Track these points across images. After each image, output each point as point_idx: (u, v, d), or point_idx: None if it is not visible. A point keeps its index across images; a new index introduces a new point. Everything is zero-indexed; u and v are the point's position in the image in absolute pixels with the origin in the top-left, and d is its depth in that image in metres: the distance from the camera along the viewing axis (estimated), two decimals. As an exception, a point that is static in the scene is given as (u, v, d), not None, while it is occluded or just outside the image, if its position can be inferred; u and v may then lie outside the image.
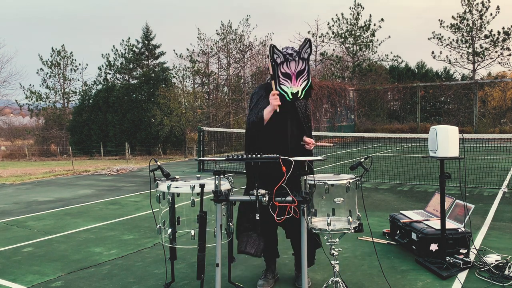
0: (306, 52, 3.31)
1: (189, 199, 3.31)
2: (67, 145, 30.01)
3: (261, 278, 3.68)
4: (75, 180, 11.33)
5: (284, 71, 3.33)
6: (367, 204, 7.00)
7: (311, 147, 3.50)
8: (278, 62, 3.31)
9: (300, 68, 3.34)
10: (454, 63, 31.42)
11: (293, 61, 3.31)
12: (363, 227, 3.15)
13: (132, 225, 6.05)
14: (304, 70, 3.35)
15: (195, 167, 13.70)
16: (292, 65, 3.32)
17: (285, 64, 3.31)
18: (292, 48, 3.37)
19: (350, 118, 30.39)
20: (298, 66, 3.33)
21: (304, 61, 3.33)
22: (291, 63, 3.31)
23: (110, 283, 3.85)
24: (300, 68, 3.33)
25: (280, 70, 3.32)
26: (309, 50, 3.31)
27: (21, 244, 5.22)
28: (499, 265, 3.89)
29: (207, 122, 27.62)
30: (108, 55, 33.46)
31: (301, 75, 3.35)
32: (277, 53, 3.29)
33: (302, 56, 3.32)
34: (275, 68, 3.34)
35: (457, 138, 3.87)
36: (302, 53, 3.31)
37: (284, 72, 3.33)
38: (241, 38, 29.27)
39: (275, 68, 3.33)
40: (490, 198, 7.36)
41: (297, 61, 3.32)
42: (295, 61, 3.32)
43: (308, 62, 3.35)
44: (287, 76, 3.34)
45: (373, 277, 3.83)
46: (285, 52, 3.32)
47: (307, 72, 3.36)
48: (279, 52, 3.30)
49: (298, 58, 3.31)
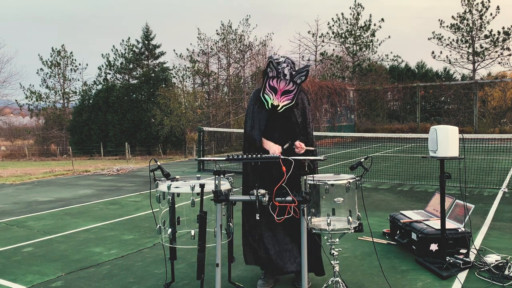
0: (300, 79, 3.36)
1: (189, 199, 3.31)
2: (67, 145, 30.01)
3: (261, 278, 3.69)
4: (75, 180, 11.33)
5: (272, 85, 3.38)
6: (367, 204, 7.00)
7: (300, 151, 3.47)
8: (270, 75, 3.35)
9: (289, 88, 3.38)
10: (454, 63, 31.45)
11: (284, 81, 3.35)
12: (363, 227, 3.15)
13: (132, 225, 6.05)
14: (292, 91, 3.39)
15: (195, 167, 13.70)
16: (281, 83, 3.37)
17: (276, 79, 3.36)
18: (291, 66, 3.36)
19: (350, 118, 30.39)
20: (287, 86, 3.38)
21: (295, 84, 3.38)
22: (281, 82, 3.36)
23: (110, 283, 3.85)
24: (288, 88, 3.38)
25: (269, 82, 3.37)
26: (304, 78, 3.36)
27: (21, 244, 5.22)
28: (499, 265, 3.89)
29: (207, 122, 27.62)
30: (108, 55, 33.52)
31: (286, 94, 3.41)
32: (271, 68, 3.32)
33: (294, 80, 3.36)
34: (264, 78, 3.38)
35: (457, 138, 3.87)
36: (296, 77, 3.35)
37: (272, 86, 3.38)
38: (241, 38, 29.28)
39: (265, 78, 3.37)
40: (490, 198, 7.36)
41: (287, 82, 3.36)
42: (286, 82, 3.36)
43: (298, 86, 3.39)
44: (273, 90, 3.39)
45: (373, 277, 3.83)
46: (281, 70, 3.32)
47: (293, 94, 3.40)
48: (273, 68, 3.31)
49: (289, 80, 3.35)
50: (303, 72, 3.34)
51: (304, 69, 3.34)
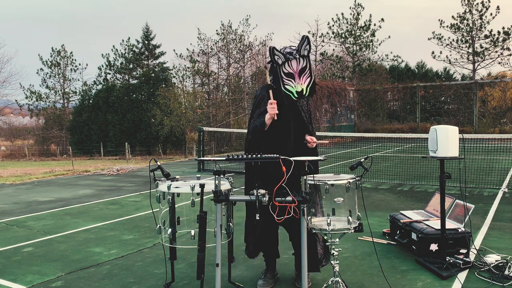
0: (306, 49, 3.32)
1: (189, 199, 3.31)
2: (67, 145, 30.01)
3: (261, 278, 3.69)
4: (75, 180, 11.33)
5: (287, 71, 3.33)
6: (367, 204, 7.00)
7: (312, 145, 3.49)
8: (280, 63, 3.31)
9: (302, 66, 3.35)
10: (454, 63, 31.44)
11: (294, 59, 3.32)
12: (363, 227, 3.15)
13: (132, 225, 6.05)
14: (306, 67, 3.36)
15: (195, 167, 13.70)
16: (293, 64, 3.33)
17: (287, 64, 3.32)
18: (290, 47, 3.38)
19: (350, 118, 30.39)
20: (299, 64, 3.34)
21: (305, 58, 3.34)
22: (292, 62, 3.32)
23: (110, 283, 3.85)
24: (301, 66, 3.34)
25: (283, 71, 3.32)
26: (308, 47, 3.33)
27: (21, 244, 5.22)
28: (499, 265, 3.89)
29: (207, 122, 27.62)
30: (108, 55, 33.51)
31: (303, 72, 3.36)
32: (277, 54, 3.29)
33: (302, 53, 3.33)
34: (277, 69, 3.33)
35: (457, 138, 3.87)
36: (302, 50, 3.32)
37: (287, 72, 3.33)
38: (241, 38, 29.28)
39: (278, 69, 3.33)
40: (490, 198, 7.36)
41: (298, 59, 3.33)
42: (296, 60, 3.32)
43: (308, 59, 3.36)
44: (290, 76, 3.34)
45: (373, 277, 3.83)
46: (285, 52, 3.32)
47: (309, 69, 3.37)
48: (279, 53, 3.30)
49: (298, 56, 3.32)
50: (304, 41, 3.32)
51: (303, 40, 3.32)
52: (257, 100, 3.61)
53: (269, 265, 3.74)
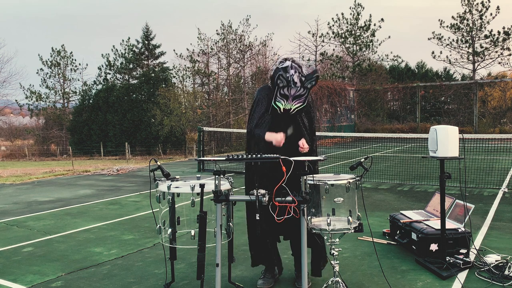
0: (311, 83, 3.36)
1: (189, 199, 3.31)
2: (67, 145, 30.01)
3: (261, 278, 3.69)
4: (75, 180, 11.33)
5: (283, 93, 3.38)
6: (367, 204, 7.00)
7: (303, 150, 3.48)
8: (281, 86, 3.35)
9: (300, 93, 3.40)
10: (454, 63, 31.45)
11: (294, 89, 3.35)
12: (363, 227, 3.15)
13: (132, 225, 6.05)
14: (303, 96, 3.41)
15: (195, 167, 13.70)
16: (292, 90, 3.37)
17: (286, 88, 3.36)
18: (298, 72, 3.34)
19: (350, 118, 30.38)
20: (298, 91, 3.39)
21: (306, 89, 3.39)
22: (292, 89, 3.36)
23: (110, 283, 3.85)
24: (299, 93, 3.40)
25: (280, 92, 3.38)
26: (314, 83, 3.37)
27: (21, 244, 5.22)
28: (499, 265, 3.89)
29: (207, 122, 27.61)
30: (108, 55, 33.49)
31: (298, 98, 3.42)
32: (281, 79, 3.31)
33: (305, 85, 3.37)
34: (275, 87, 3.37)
35: (457, 138, 3.87)
36: (306, 83, 3.36)
37: (283, 94, 3.39)
38: (241, 38, 29.26)
39: (276, 88, 3.37)
40: (490, 198, 7.36)
41: (298, 88, 3.37)
42: (296, 89, 3.36)
43: (309, 90, 3.41)
44: (285, 97, 3.40)
45: (373, 277, 3.83)
46: (290, 78, 3.31)
47: (304, 98, 3.42)
48: (284, 79, 3.31)
49: (300, 87, 3.36)
50: (313, 78, 3.35)
51: (313, 75, 3.35)
52: (255, 102, 3.65)
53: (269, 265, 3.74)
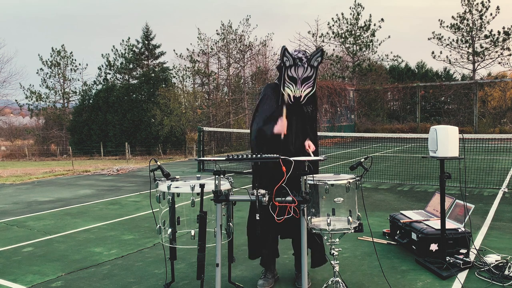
0: (317, 61, 3.32)
1: (189, 199, 3.31)
2: (67, 145, 30.02)
3: (261, 278, 3.69)
4: (75, 180, 11.33)
5: (291, 74, 3.33)
6: (367, 204, 7.00)
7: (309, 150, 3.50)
8: (287, 65, 3.30)
9: (308, 74, 3.34)
10: (454, 63, 31.45)
11: (302, 67, 3.31)
12: (363, 227, 3.15)
13: (132, 225, 6.04)
14: (311, 77, 3.36)
15: (195, 167, 13.70)
16: (299, 70, 3.32)
17: (293, 68, 3.31)
18: (304, 53, 3.35)
19: (350, 118, 30.38)
20: (305, 72, 3.34)
21: (313, 69, 3.34)
22: (299, 68, 3.32)
23: (110, 283, 3.85)
24: (307, 74, 3.34)
25: (287, 73, 3.33)
26: (320, 59, 3.33)
27: (21, 244, 5.22)
28: (499, 265, 3.89)
29: (207, 122, 27.62)
30: (108, 55, 33.53)
31: (307, 81, 3.37)
32: (287, 56, 3.28)
33: (311, 63, 3.32)
34: (282, 70, 3.33)
35: (457, 138, 3.87)
36: (313, 60, 3.32)
37: (291, 76, 3.33)
38: (241, 38, 29.27)
39: (283, 70, 3.33)
40: (490, 198, 7.36)
41: (305, 67, 3.32)
42: (304, 67, 3.32)
43: (316, 70, 3.36)
44: (293, 80, 3.35)
45: (373, 277, 3.83)
46: (296, 56, 3.30)
47: (313, 80, 3.37)
48: (289, 55, 3.28)
49: (307, 65, 3.31)
50: (318, 53, 3.31)
51: (318, 51, 3.32)
52: (261, 99, 3.65)
53: (269, 265, 3.74)
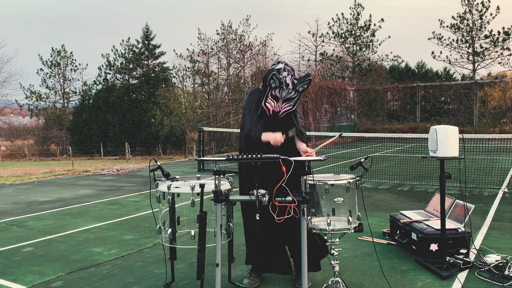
0: (302, 87, 3.39)
1: (189, 199, 3.31)
2: (67, 145, 30.01)
3: (247, 277, 3.71)
4: (75, 180, 11.33)
5: (274, 94, 3.40)
6: (367, 204, 7.00)
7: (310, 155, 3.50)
8: (272, 86, 3.37)
9: (291, 96, 3.43)
10: (454, 63, 31.45)
11: (286, 90, 3.38)
12: (363, 227, 3.15)
13: (132, 225, 6.05)
14: (293, 98, 3.45)
15: (195, 167, 13.70)
16: (284, 92, 3.40)
17: (278, 90, 3.38)
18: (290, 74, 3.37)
19: (350, 118, 30.38)
20: (289, 94, 3.42)
21: (297, 92, 3.42)
22: (283, 91, 3.39)
23: (110, 283, 3.85)
24: (290, 96, 3.42)
25: (271, 92, 3.40)
26: (306, 86, 3.39)
27: (21, 244, 5.22)
28: (499, 265, 3.89)
29: (207, 122, 27.61)
30: (108, 55, 33.49)
31: (288, 101, 3.46)
32: (274, 80, 3.33)
33: (297, 88, 3.39)
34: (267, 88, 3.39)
35: (457, 138, 3.87)
36: (298, 86, 3.38)
37: (274, 95, 3.41)
38: (241, 38, 29.27)
39: (268, 89, 3.38)
40: (490, 198, 7.36)
41: (290, 91, 3.39)
42: (288, 91, 3.39)
43: (300, 94, 3.44)
44: (275, 99, 3.43)
45: (373, 277, 3.83)
46: (283, 80, 3.34)
47: (294, 101, 3.47)
48: (276, 79, 3.33)
49: (292, 89, 3.38)
50: (306, 81, 3.38)
51: (306, 79, 3.38)
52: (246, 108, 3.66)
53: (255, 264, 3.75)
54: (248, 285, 3.62)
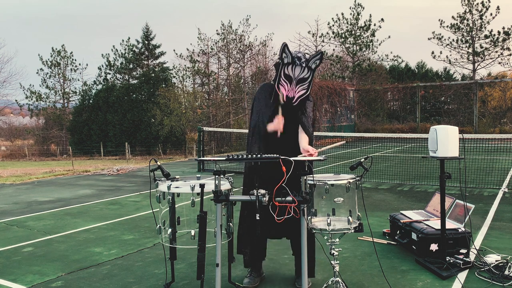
0: (315, 63, 3.30)
1: (189, 199, 3.31)
2: (67, 145, 30.01)
3: (247, 276, 3.71)
4: (75, 180, 11.33)
5: (287, 73, 3.30)
6: (367, 204, 7.00)
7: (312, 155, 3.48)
8: (285, 62, 3.27)
9: (304, 75, 3.32)
10: (454, 63, 31.45)
11: (299, 66, 3.28)
12: (363, 227, 3.15)
13: (132, 225, 6.05)
14: (307, 79, 3.33)
15: (195, 167, 13.70)
16: (297, 69, 3.29)
17: (291, 66, 3.28)
18: (304, 54, 3.34)
19: (350, 118, 30.38)
20: (302, 72, 3.31)
21: (310, 71, 3.32)
22: (296, 68, 3.29)
23: (110, 283, 3.85)
24: (303, 75, 3.32)
25: (284, 71, 3.30)
26: (318, 62, 3.31)
27: (21, 244, 5.22)
28: (499, 265, 3.89)
29: (207, 122, 27.61)
30: (108, 55, 33.49)
31: (302, 83, 3.35)
32: (286, 53, 3.25)
33: (309, 64, 3.30)
34: (279, 67, 3.32)
35: (457, 138, 3.87)
36: (311, 62, 3.29)
37: (287, 74, 3.31)
38: (241, 38, 29.27)
39: (280, 67, 3.31)
40: (490, 198, 7.36)
41: (303, 67, 3.29)
42: (301, 67, 3.29)
43: (313, 73, 3.34)
44: (288, 79, 3.32)
45: (373, 277, 3.83)
46: (295, 55, 3.28)
47: (308, 82, 3.35)
48: (288, 52, 3.25)
49: (305, 65, 3.29)
50: (318, 55, 3.30)
51: (318, 54, 3.31)
52: (256, 99, 3.65)
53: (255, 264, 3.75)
54: (248, 285, 3.62)
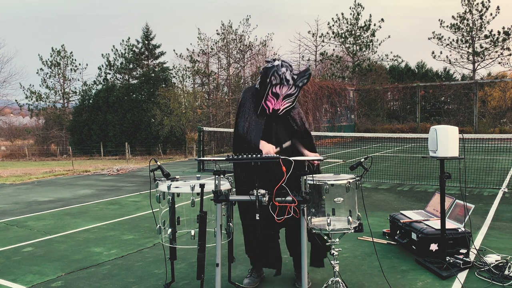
0: (302, 81, 3.40)
1: (189, 199, 3.31)
2: (67, 145, 30.00)
3: (247, 277, 3.71)
4: (75, 180, 11.33)
5: (275, 91, 3.41)
6: (367, 204, 7.00)
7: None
8: (273, 83, 3.37)
9: (290, 92, 3.44)
10: (454, 63, 31.46)
11: (287, 86, 3.39)
12: (363, 227, 3.15)
13: (132, 225, 6.05)
14: (293, 95, 3.46)
15: (195, 167, 13.69)
16: (284, 88, 3.40)
17: (279, 86, 3.39)
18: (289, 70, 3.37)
19: (350, 118, 30.38)
20: (289, 90, 3.42)
21: (297, 88, 3.43)
22: (284, 87, 3.39)
23: (110, 283, 3.85)
24: (290, 91, 3.43)
25: (271, 90, 3.40)
26: (306, 81, 3.40)
27: (21, 244, 5.22)
28: (499, 265, 3.89)
29: (207, 122, 27.61)
30: (108, 55, 33.47)
31: (288, 98, 3.47)
32: (275, 76, 3.34)
33: (297, 83, 3.40)
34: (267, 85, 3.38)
35: (457, 138, 3.87)
36: (299, 81, 3.39)
37: (274, 92, 3.41)
38: (241, 38, 29.28)
39: (268, 86, 3.38)
40: (490, 198, 7.36)
41: (290, 86, 3.40)
42: (288, 87, 3.40)
43: (299, 90, 3.46)
44: (275, 96, 3.43)
45: (373, 277, 3.83)
46: (282, 75, 3.34)
47: (294, 97, 3.49)
48: (277, 76, 3.33)
49: (292, 84, 3.39)
50: (305, 75, 3.38)
51: (306, 73, 3.38)
52: (241, 104, 3.66)
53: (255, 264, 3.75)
54: (248, 285, 3.62)
